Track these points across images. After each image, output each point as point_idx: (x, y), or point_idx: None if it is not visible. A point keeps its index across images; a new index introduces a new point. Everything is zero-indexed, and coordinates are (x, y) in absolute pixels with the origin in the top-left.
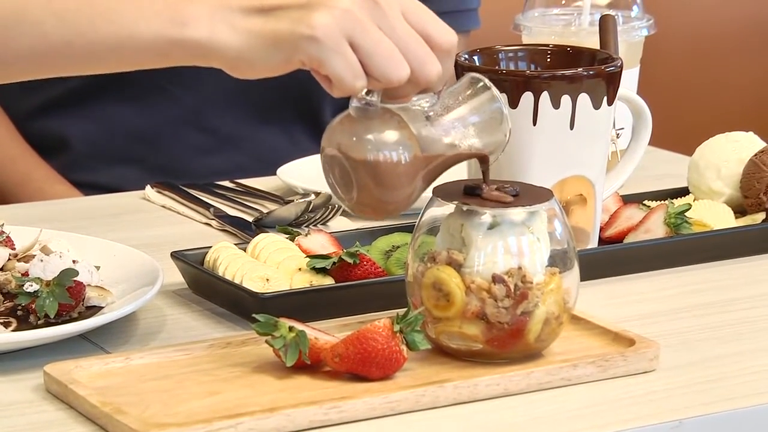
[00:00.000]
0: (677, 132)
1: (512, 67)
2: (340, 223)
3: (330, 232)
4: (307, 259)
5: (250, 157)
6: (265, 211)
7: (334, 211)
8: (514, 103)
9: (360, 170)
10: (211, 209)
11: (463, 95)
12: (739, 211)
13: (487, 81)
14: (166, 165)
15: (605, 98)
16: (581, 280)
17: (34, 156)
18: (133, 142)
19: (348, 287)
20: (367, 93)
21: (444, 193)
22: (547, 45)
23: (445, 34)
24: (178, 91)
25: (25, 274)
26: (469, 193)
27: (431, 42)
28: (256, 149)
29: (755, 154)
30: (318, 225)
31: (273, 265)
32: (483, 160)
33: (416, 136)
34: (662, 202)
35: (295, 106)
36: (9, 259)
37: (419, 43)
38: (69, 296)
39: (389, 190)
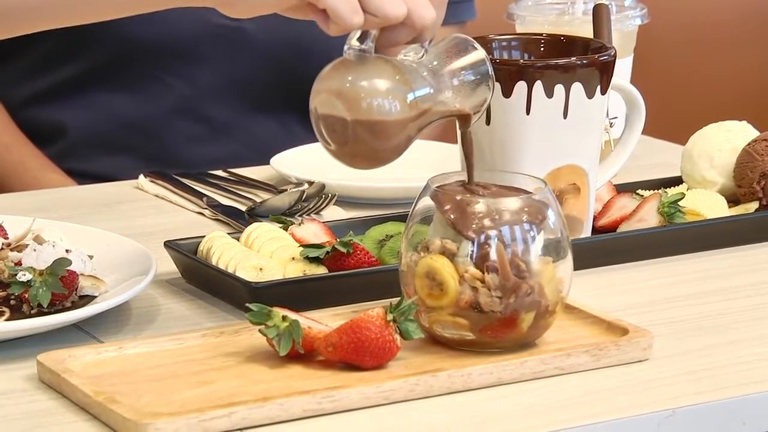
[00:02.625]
0: (670, 121)
1: (506, 56)
2: (333, 213)
3: (323, 222)
4: (301, 249)
5: (244, 146)
6: (258, 200)
7: (327, 200)
8: (507, 93)
9: (353, 116)
10: (205, 198)
11: (451, 53)
12: (733, 200)
13: (474, 42)
14: (161, 154)
15: (599, 87)
16: (575, 270)
17: (28, 144)
18: (128, 131)
19: (341, 276)
20: (362, 40)
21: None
22: (541, 34)
23: None
24: (173, 80)
25: (18, 263)
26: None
27: None
28: (250, 138)
29: (748, 144)
30: (311, 214)
31: (266, 254)
32: (465, 119)
33: (410, 84)
34: (656, 191)
35: (289, 95)
36: (2, 249)
37: None
38: (62, 286)
39: (382, 138)
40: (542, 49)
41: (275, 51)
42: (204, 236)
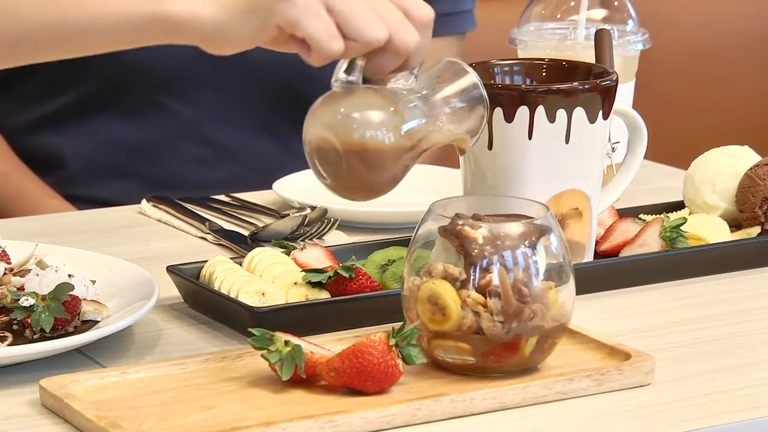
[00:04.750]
0: (672, 146)
1: (508, 81)
2: (335, 237)
3: (326, 246)
4: (303, 273)
5: (248, 168)
6: (260, 225)
7: (329, 225)
8: (509, 117)
9: (346, 148)
10: (207, 223)
11: (442, 78)
12: (735, 225)
13: (466, 66)
14: (163, 178)
15: (601, 112)
16: (577, 294)
17: (26, 171)
18: (130, 156)
19: (344, 301)
20: (348, 71)
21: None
22: (543, 59)
23: (422, 8)
24: (174, 103)
25: (21, 288)
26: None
27: (408, 15)
28: (253, 161)
29: (750, 168)
30: (314, 239)
31: (269, 279)
32: (461, 144)
33: (401, 114)
34: (658, 215)
35: (293, 117)
36: (5, 274)
37: (396, 11)
38: (65, 310)
39: (376, 169)
40: (544, 74)
41: (277, 72)
42: (206, 261)
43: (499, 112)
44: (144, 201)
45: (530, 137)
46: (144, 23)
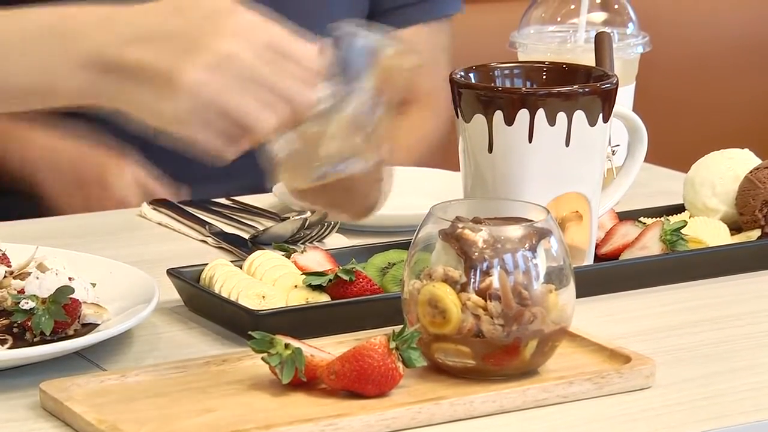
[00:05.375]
0: (673, 149)
1: (508, 84)
2: (335, 241)
3: (326, 249)
4: (303, 276)
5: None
6: (261, 228)
7: (329, 228)
8: (509, 120)
9: (323, 190)
10: (207, 226)
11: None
12: (735, 228)
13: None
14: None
15: (601, 115)
16: (577, 297)
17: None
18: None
19: (344, 304)
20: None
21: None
22: (543, 62)
23: (308, 59)
24: None
25: (21, 291)
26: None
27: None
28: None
29: (750, 171)
30: (314, 242)
31: (269, 282)
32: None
33: (352, 140)
34: (658, 219)
35: None
36: (5, 277)
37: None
38: (65, 313)
39: (359, 196)
40: (544, 77)
41: None
42: (207, 264)
43: (499, 114)
44: (144, 204)
45: (530, 140)
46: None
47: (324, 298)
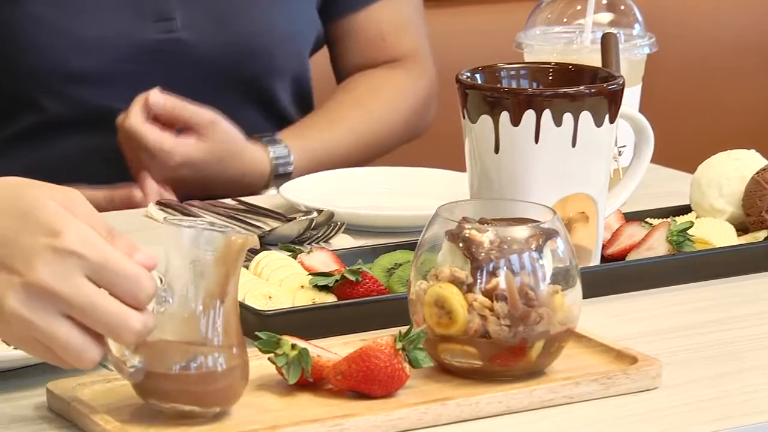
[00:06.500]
0: (679, 150)
1: (514, 85)
2: (342, 241)
3: (332, 250)
4: (310, 277)
5: None
6: (267, 228)
7: (336, 228)
8: (516, 121)
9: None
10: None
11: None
12: (741, 229)
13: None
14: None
15: (607, 116)
16: (583, 298)
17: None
18: (93, 165)
19: (350, 305)
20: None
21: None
22: (549, 63)
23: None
24: (123, 105)
25: None
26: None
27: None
28: None
29: (757, 172)
30: (320, 242)
31: (275, 282)
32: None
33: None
34: (664, 219)
35: (245, 91)
36: None
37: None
38: None
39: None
40: (551, 77)
41: (218, 55)
42: None
43: (505, 115)
44: (151, 205)
45: (537, 141)
46: None
47: (330, 299)
